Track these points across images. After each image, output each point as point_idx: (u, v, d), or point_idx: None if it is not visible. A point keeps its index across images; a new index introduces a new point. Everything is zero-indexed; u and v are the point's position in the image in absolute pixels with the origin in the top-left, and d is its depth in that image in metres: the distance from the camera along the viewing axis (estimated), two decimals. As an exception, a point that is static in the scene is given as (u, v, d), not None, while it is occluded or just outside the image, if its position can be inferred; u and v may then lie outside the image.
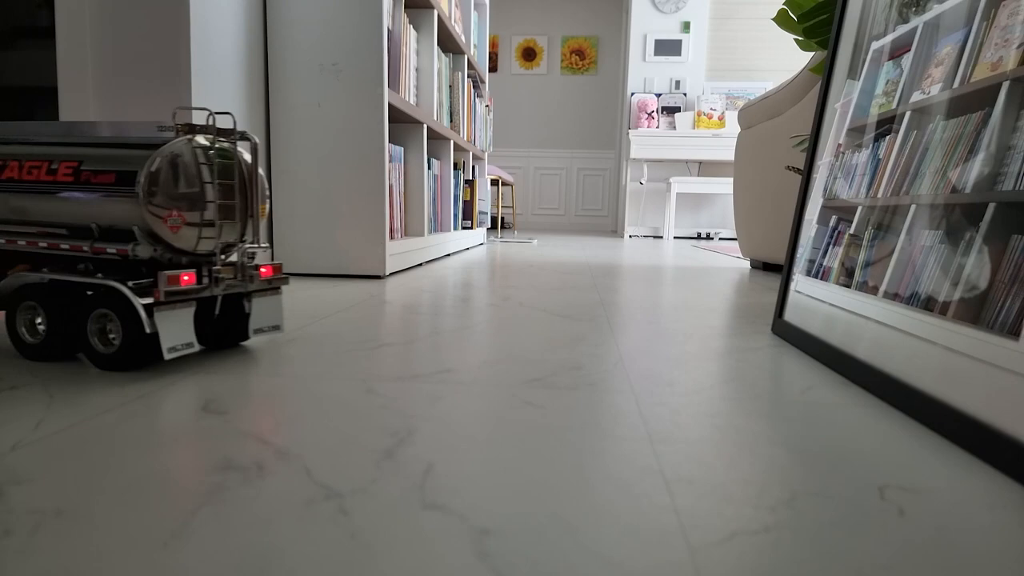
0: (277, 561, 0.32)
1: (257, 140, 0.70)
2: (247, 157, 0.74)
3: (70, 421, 0.51)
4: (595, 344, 0.85)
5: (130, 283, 0.63)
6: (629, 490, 0.41)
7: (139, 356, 0.64)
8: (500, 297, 1.29)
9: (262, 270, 0.74)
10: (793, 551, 0.34)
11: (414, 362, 0.73)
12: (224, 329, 0.76)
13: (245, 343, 0.80)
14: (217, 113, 0.70)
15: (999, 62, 0.57)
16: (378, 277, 1.58)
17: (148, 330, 0.62)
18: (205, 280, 0.68)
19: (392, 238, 1.72)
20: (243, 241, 0.73)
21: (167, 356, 0.63)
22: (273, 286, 0.76)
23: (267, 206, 0.76)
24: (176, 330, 0.64)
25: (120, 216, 0.65)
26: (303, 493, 0.39)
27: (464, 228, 2.63)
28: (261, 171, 0.74)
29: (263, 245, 0.73)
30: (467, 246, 2.72)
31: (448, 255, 2.37)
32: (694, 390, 0.64)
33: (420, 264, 1.97)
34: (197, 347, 0.66)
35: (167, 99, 1.28)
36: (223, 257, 0.73)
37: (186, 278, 0.65)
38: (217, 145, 0.69)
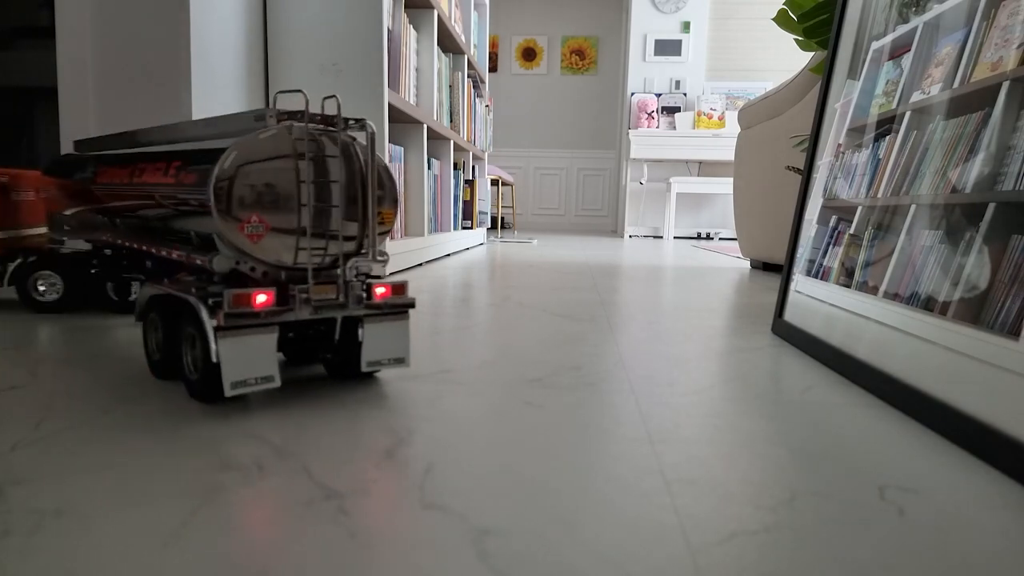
0: (277, 561, 0.32)
1: (374, 128, 0.58)
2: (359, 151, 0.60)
3: (70, 421, 0.51)
4: (595, 344, 0.85)
5: (211, 300, 0.53)
6: (629, 490, 0.41)
7: (214, 387, 0.54)
8: (500, 297, 1.29)
9: (377, 290, 0.60)
10: (793, 551, 0.34)
11: (414, 362, 0.73)
12: (346, 358, 0.63)
13: (368, 376, 0.66)
14: (326, 99, 0.59)
15: (999, 62, 0.57)
16: (377, 277, 1.58)
17: (214, 358, 0.52)
18: (301, 300, 0.56)
19: (392, 238, 1.72)
20: (361, 253, 0.60)
21: (228, 392, 0.52)
22: (392, 310, 0.61)
23: (395, 211, 0.62)
24: (247, 360, 0.53)
25: (203, 222, 0.57)
26: (303, 493, 0.39)
27: (464, 228, 2.63)
28: (388, 166, 0.61)
29: (380, 258, 0.58)
30: (467, 246, 2.72)
31: (448, 255, 2.37)
32: (694, 390, 0.64)
33: (420, 264, 1.96)
34: (277, 382, 0.54)
35: (167, 100, 1.28)
36: (337, 271, 0.60)
37: (262, 298, 0.53)
38: (321, 135, 0.57)
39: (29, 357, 0.71)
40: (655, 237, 4.66)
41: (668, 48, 4.58)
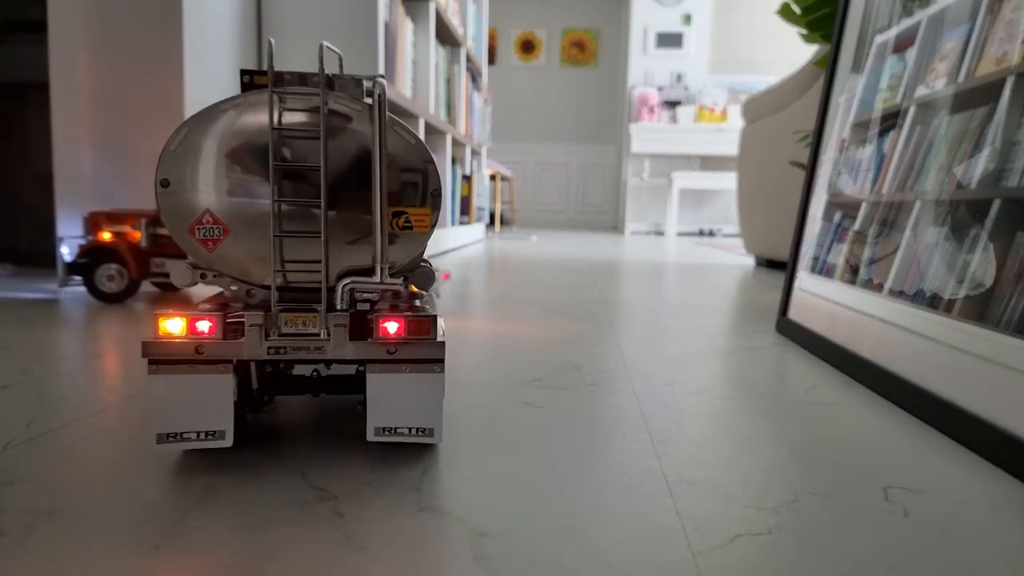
0: (271, 564, 0.32)
1: (384, 84, 0.42)
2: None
3: (62, 420, 0.51)
4: (596, 343, 0.84)
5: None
6: (630, 492, 0.41)
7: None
8: (499, 295, 1.29)
9: (387, 326, 0.43)
10: (796, 553, 0.34)
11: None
12: None
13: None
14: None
15: (1003, 57, 0.56)
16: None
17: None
18: (254, 332, 0.42)
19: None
20: (379, 267, 0.44)
21: (156, 443, 0.42)
22: (409, 357, 0.43)
23: (434, 210, 0.45)
24: (185, 408, 0.42)
25: None
26: (297, 495, 0.39)
27: (461, 224, 2.63)
28: (421, 144, 0.44)
29: (391, 282, 0.43)
30: (465, 243, 2.72)
31: (445, 252, 2.36)
32: (696, 390, 0.64)
33: (420, 259, 1.96)
34: (228, 440, 0.42)
35: (160, 94, 1.27)
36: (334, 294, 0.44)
37: (205, 326, 0.42)
38: (328, 107, 0.43)
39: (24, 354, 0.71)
40: (657, 233, 4.65)
41: (669, 41, 4.55)
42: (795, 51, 4.57)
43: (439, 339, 0.43)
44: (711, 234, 4.67)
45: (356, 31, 1.51)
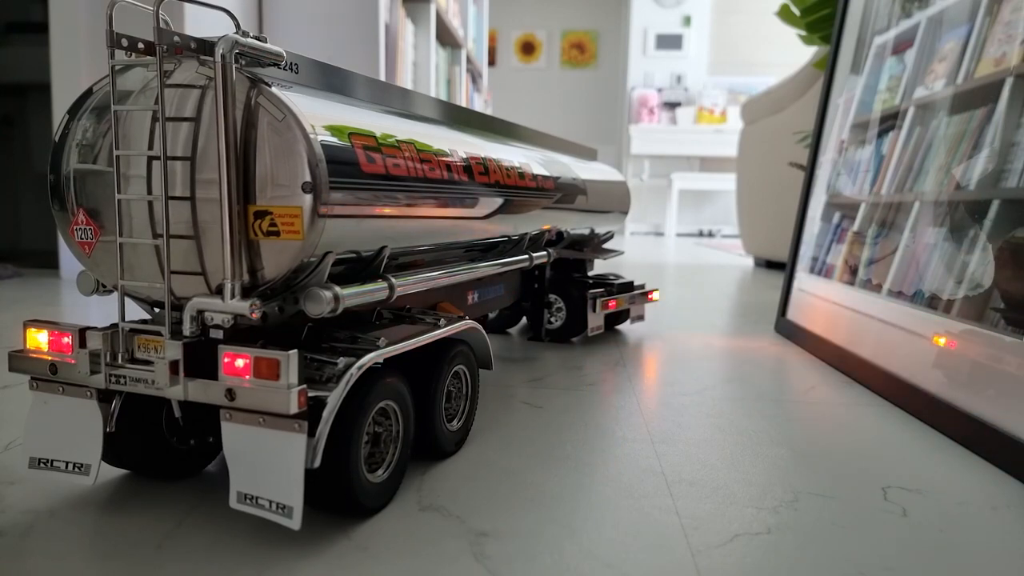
0: (274, 563, 0.32)
1: (228, 52, 0.33)
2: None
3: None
4: (596, 343, 0.84)
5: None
6: (630, 492, 0.41)
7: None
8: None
9: (235, 362, 0.33)
10: (795, 553, 0.34)
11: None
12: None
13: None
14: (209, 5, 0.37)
15: (1003, 58, 0.56)
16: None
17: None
18: (88, 356, 0.35)
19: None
20: (228, 284, 0.34)
21: (28, 467, 0.37)
22: (253, 407, 0.33)
23: (311, 206, 0.34)
24: (54, 432, 0.37)
25: None
26: (300, 494, 0.39)
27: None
28: (294, 121, 0.34)
29: (252, 302, 0.33)
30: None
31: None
32: (696, 390, 0.64)
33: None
34: (90, 478, 0.36)
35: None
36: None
37: (66, 342, 0.36)
38: (207, 83, 0.35)
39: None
40: (656, 234, 4.65)
41: (669, 42, 4.56)
42: (794, 52, 4.57)
43: (292, 385, 0.32)
44: (711, 235, 4.67)
45: (357, 32, 1.51)
